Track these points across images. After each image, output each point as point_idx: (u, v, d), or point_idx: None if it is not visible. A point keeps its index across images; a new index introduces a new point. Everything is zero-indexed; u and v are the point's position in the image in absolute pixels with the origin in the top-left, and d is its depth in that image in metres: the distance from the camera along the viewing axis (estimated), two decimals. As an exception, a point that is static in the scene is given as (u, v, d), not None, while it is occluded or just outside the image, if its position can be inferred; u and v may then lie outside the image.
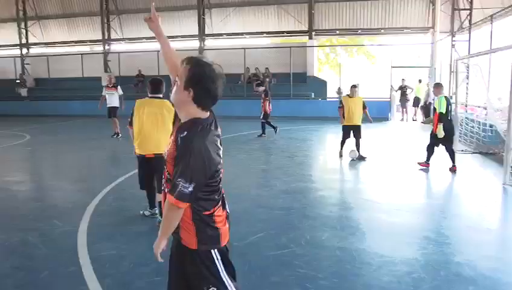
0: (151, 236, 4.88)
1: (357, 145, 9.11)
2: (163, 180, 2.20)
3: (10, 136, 13.78)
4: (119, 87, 13.05)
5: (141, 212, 5.42)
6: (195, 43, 21.99)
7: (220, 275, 2.16)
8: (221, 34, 21.96)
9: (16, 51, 25.18)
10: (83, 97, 20.90)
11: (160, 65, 20.59)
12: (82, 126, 17.56)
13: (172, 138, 2.12)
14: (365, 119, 9.46)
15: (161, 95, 5.08)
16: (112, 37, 23.60)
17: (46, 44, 25.50)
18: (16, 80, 24.02)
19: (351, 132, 9.20)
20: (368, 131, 13.04)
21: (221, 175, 2.16)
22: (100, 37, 23.49)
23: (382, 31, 20.22)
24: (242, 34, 21.73)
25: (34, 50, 25.77)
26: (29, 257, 4.20)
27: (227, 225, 2.24)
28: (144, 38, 23.19)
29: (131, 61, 22.17)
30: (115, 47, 23.97)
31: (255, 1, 21.09)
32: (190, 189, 1.95)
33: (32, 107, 22.10)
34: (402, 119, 17.90)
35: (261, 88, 12.53)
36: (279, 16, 21.04)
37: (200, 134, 1.99)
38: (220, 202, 2.19)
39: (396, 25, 19.63)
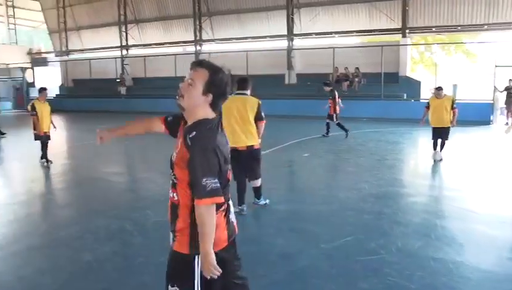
0: (239, 231, 5.00)
1: (442, 145, 8.71)
2: (170, 190, 2.17)
3: (111, 131, 14.88)
4: None
5: None
6: (283, 43, 22.08)
7: (194, 280, 2.09)
8: (309, 34, 21.78)
9: (117, 52, 27.25)
10: (174, 95, 21.89)
11: (248, 65, 21.05)
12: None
13: (180, 140, 2.11)
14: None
15: (247, 92, 5.40)
16: (203, 37, 24.53)
17: (144, 45, 27.28)
18: (116, 79, 25.98)
19: (439, 133, 8.76)
20: (466, 135, 12.18)
21: (228, 176, 2.15)
22: (192, 38, 24.55)
23: (485, 27, 18.59)
24: (331, 33, 21.35)
25: (132, 51, 27.70)
26: (126, 244, 4.48)
27: (226, 232, 2.15)
28: (233, 38, 23.86)
29: (220, 61, 22.68)
30: (206, 47, 24.89)
31: (345, -1, 20.63)
32: (218, 182, 1.97)
33: (129, 104, 23.67)
34: (507, 124, 16.30)
35: (328, 88, 12.36)
36: (370, 14, 20.33)
37: (209, 132, 2.04)
38: (224, 207, 2.13)
39: (502, 19, 17.92)
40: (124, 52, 27.26)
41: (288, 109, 18.09)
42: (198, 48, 24.47)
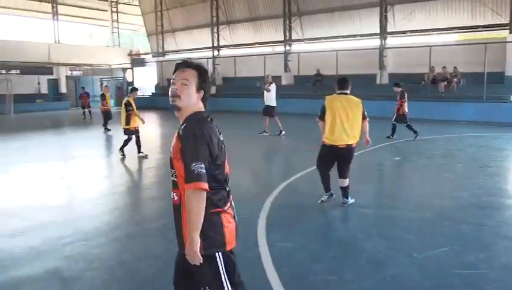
0: (326, 233, 4.94)
1: None
2: (172, 190, 2.21)
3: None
4: (271, 85, 13.42)
5: (319, 201, 5.68)
6: (375, 42, 21.31)
7: (221, 278, 2.15)
8: (404, 32, 20.74)
9: (209, 53, 28.28)
10: (261, 95, 22.16)
11: (338, 64, 20.66)
12: (260, 122, 18.69)
13: (175, 136, 2.19)
14: None
15: (348, 92, 5.50)
16: (293, 37, 24.51)
17: (234, 46, 27.99)
18: (208, 79, 26.93)
19: None
20: None
21: (227, 169, 2.22)
22: (282, 38, 24.65)
23: None
24: (428, 30, 20.15)
25: (223, 52, 28.58)
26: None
27: (233, 229, 2.21)
28: (322, 38, 23.52)
29: (310, 60, 22.74)
30: (295, 47, 24.86)
31: (444, -6, 19.32)
32: (204, 168, 2.02)
33: (217, 103, 24.25)
34: None
35: (398, 89, 11.89)
36: (472, 9, 18.83)
37: (199, 121, 2.15)
38: (228, 205, 2.21)
39: None
40: (216, 52, 28.21)
41: (379, 110, 17.22)
42: (287, 47, 24.52)
